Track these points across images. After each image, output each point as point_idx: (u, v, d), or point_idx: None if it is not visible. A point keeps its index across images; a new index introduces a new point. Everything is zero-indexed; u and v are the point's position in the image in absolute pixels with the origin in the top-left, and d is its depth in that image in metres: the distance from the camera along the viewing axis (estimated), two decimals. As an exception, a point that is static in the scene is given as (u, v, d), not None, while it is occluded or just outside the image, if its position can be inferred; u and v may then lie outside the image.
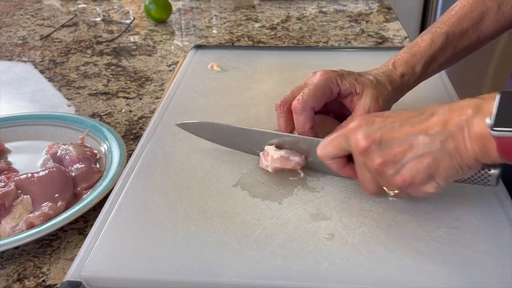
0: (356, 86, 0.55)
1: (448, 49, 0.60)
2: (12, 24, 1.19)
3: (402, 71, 0.58)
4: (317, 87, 0.53)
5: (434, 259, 0.44)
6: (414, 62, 0.59)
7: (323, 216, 0.49)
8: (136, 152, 0.60)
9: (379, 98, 0.55)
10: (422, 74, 0.60)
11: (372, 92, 0.54)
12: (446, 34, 0.60)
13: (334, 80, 0.54)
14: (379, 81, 0.56)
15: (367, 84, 0.55)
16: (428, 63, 0.59)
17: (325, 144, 0.48)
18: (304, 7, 1.25)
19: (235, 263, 0.44)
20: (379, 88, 0.56)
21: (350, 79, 0.55)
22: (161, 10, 1.15)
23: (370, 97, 0.54)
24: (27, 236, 0.49)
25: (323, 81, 0.54)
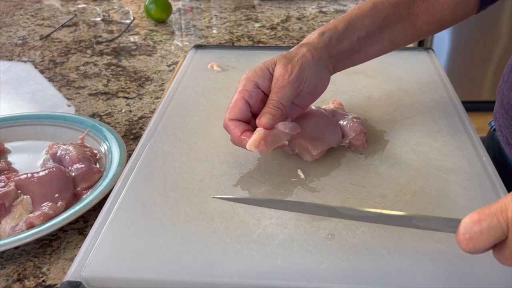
0: (268, 67, 0.55)
1: (376, 18, 0.59)
2: (12, 24, 1.19)
3: (320, 30, 0.57)
4: (232, 100, 0.54)
5: (434, 259, 0.44)
6: (335, 22, 0.58)
7: (323, 216, 0.49)
8: (136, 152, 0.60)
9: (287, 64, 0.54)
10: (345, 36, 0.58)
11: (280, 61, 0.54)
12: (374, 2, 0.60)
13: (246, 80, 0.54)
14: (291, 51, 0.56)
15: (277, 59, 0.55)
16: (352, 25, 0.58)
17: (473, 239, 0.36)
18: (304, 7, 1.25)
19: (235, 263, 0.44)
20: (289, 55, 0.55)
21: (261, 66, 0.55)
22: (161, 10, 1.16)
23: (278, 67, 0.54)
24: (27, 236, 0.49)
25: (238, 92, 0.54)
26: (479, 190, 0.52)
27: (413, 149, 0.59)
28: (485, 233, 0.35)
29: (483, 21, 2.15)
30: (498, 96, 0.72)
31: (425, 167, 0.56)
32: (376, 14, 0.59)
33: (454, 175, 0.54)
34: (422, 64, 0.81)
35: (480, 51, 2.24)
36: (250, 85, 0.54)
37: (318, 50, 0.56)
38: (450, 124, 0.64)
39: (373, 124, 0.65)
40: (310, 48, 0.56)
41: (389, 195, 0.52)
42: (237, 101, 0.54)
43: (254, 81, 0.54)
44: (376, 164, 0.57)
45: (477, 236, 0.35)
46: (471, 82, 2.33)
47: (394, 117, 0.66)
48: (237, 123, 0.54)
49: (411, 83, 0.74)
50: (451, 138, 0.61)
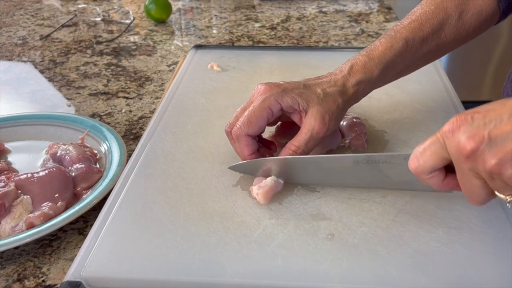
0: (299, 103, 0.52)
1: (407, 55, 0.58)
2: (12, 24, 1.19)
3: (358, 78, 0.56)
4: (253, 113, 0.52)
5: (434, 259, 0.44)
6: (372, 66, 0.56)
7: (323, 216, 0.49)
8: (136, 152, 0.60)
9: (325, 115, 0.52)
10: (379, 80, 0.58)
11: (317, 110, 0.52)
12: (406, 39, 0.58)
13: (274, 100, 0.52)
14: (327, 94, 0.53)
15: (312, 100, 0.52)
16: (387, 69, 0.57)
17: (417, 156, 0.41)
18: (304, 7, 1.25)
19: (235, 263, 0.44)
20: (326, 103, 0.53)
21: (293, 95, 0.52)
22: (161, 10, 1.15)
23: (315, 115, 0.52)
24: (27, 236, 0.49)
25: (260, 105, 0.52)
26: (479, 190, 0.52)
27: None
28: (426, 149, 0.40)
29: (483, 21, 2.15)
30: (504, 96, 0.72)
31: (425, 167, 0.56)
32: (407, 52, 0.58)
33: (454, 175, 0.54)
34: (422, 64, 0.81)
35: (480, 51, 2.24)
36: (276, 106, 0.52)
37: (349, 100, 0.56)
38: (450, 124, 0.64)
39: (373, 124, 0.65)
40: (345, 98, 0.54)
41: (389, 195, 0.52)
42: (259, 118, 0.52)
43: (281, 105, 0.52)
44: (376, 164, 0.57)
45: (421, 153, 0.41)
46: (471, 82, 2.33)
47: (394, 117, 0.66)
48: (250, 141, 0.53)
49: (411, 83, 0.74)
50: (451, 138, 0.61)
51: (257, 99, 0.53)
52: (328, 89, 0.54)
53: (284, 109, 0.52)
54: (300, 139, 0.52)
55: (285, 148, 0.53)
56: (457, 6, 0.59)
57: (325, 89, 0.54)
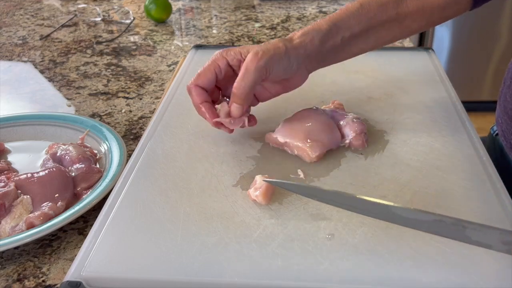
0: (241, 52, 0.56)
1: (362, 18, 0.58)
2: (12, 24, 1.19)
3: (304, 30, 0.57)
4: (202, 68, 0.57)
5: (434, 259, 0.44)
6: (320, 22, 0.58)
7: (323, 216, 0.49)
8: (136, 152, 0.60)
9: (258, 51, 0.54)
10: (329, 37, 0.58)
11: (252, 49, 0.55)
12: (361, 2, 0.58)
13: (220, 55, 0.57)
14: (268, 42, 0.56)
15: (252, 47, 0.56)
16: (337, 26, 0.58)
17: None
18: (304, 7, 1.25)
19: (235, 263, 0.44)
20: (263, 45, 0.55)
21: (236, 49, 0.57)
22: (161, 10, 1.16)
23: (250, 54, 0.54)
24: (27, 236, 0.49)
25: (209, 61, 0.57)
26: (479, 190, 0.52)
27: (413, 149, 0.59)
28: None
29: (483, 21, 2.15)
30: (501, 101, 0.72)
31: (425, 167, 0.56)
32: (362, 15, 0.59)
33: (454, 175, 0.54)
34: (422, 64, 0.81)
35: (480, 51, 2.24)
36: (222, 61, 0.57)
37: (295, 48, 0.57)
38: (450, 124, 0.64)
39: (373, 124, 0.65)
40: (287, 44, 0.56)
41: (389, 195, 0.52)
42: (207, 71, 0.57)
43: (226, 59, 0.57)
44: (376, 164, 0.57)
45: None
46: (471, 82, 2.33)
47: (394, 117, 0.66)
48: (200, 91, 0.57)
49: (411, 83, 0.74)
50: (451, 138, 0.61)
51: None
52: (272, 40, 0.57)
53: (230, 63, 0.57)
54: (238, 77, 0.55)
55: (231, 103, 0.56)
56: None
57: (269, 41, 0.57)
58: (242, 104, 0.55)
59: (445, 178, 0.54)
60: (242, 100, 0.55)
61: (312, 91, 0.72)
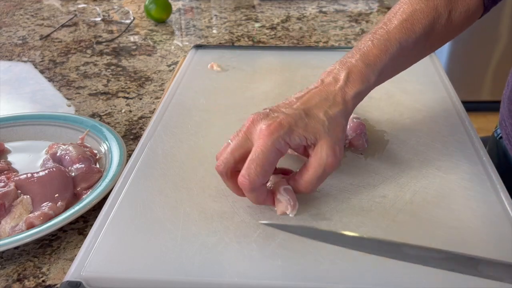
0: (307, 138, 0.48)
1: (400, 58, 0.55)
2: (12, 24, 1.19)
3: (357, 89, 0.51)
4: (265, 160, 0.46)
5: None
6: (369, 73, 0.52)
7: (323, 216, 0.49)
8: (136, 152, 0.60)
9: (335, 147, 0.48)
10: (374, 86, 0.54)
11: (326, 142, 0.48)
12: (400, 42, 0.54)
13: (282, 141, 0.46)
14: (332, 119, 0.49)
15: (318, 132, 0.48)
16: (383, 74, 0.54)
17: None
18: (304, 7, 1.25)
19: (235, 263, 0.44)
20: (332, 132, 0.48)
21: (299, 132, 0.47)
22: (161, 10, 1.16)
23: (326, 149, 0.47)
24: (27, 236, 0.49)
25: (270, 150, 0.46)
26: (479, 190, 0.52)
27: (413, 149, 0.59)
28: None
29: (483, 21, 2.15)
30: (504, 104, 0.71)
31: (425, 167, 0.56)
32: (401, 57, 0.55)
33: (454, 175, 0.54)
34: (422, 64, 0.81)
35: (480, 51, 2.24)
36: (285, 147, 0.47)
37: (349, 115, 0.52)
38: (450, 124, 0.64)
39: (373, 124, 0.65)
40: (346, 116, 0.51)
41: (389, 195, 0.52)
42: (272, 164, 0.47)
43: (289, 145, 0.47)
44: (376, 164, 0.57)
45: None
46: (471, 82, 2.33)
47: (394, 117, 0.66)
48: (266, 188, 0.49)
49: (411, 83, 0.74)
50: (451, 138, 0.61)
51: (263, 141, 0.46)
52: (330, 111, 0.49)
53: (293, 148, 0.49)
54: (312, 175, 0.48)
55: (294, 180, 0.49)
56: (446, 4, 0.57)
57: (328, 112, 0.49)
58: None
59: (445, 178, 0.54)
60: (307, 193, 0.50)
61: (312, 91, 0.72)
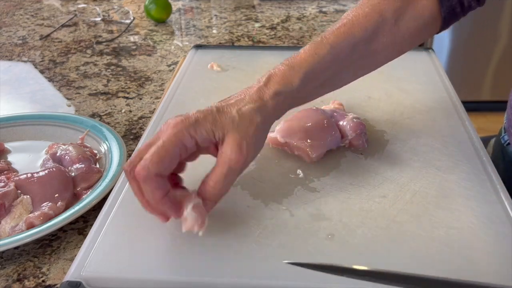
0: (214, 132, 0.45)
1: (334, 63, 0.52)
2: (12, 24, 1.19)
3: (276, 89, 0.49)
4: (164, 149, 0.43)
5: (434, 259, 0.44)
6: (292, 75, 0.50)
7: (323, 216, 0.49)
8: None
9: (242, 143, 0.45)
10: (300, 91, 0.51)
11: (233, 138, 0.45)
12: (331, 45, 0.51)
13: (187, 133, 0.45)
14: (243, 115, 0.46)
15: (226, 126, 0.46)
16: (309, 77, 0.50)
17: None
18: (304, 7, 1.25)
19: (235, 263, 0.44)
20: (242, 126, 0.46)
21: (207, 125, 0.45)
22: (161, 10, 1.16)
23: (231, 145, 0.45)
24: (27, 236, 0.49)
25: (171, 139, 0.44)
26: (479, 190, 0.52)
27: (413, 149, 0.59)
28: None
29: (483, 21, 2.15)
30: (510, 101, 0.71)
31: (425, 167, 0.56)
32: (334, 59, 0.52)
33: (454, 175, 0.54)
34: (422, 64, 0.81)
35: (480, 51, 2.24)
36: (190, 141, 0.45)
37: (270, 116, 0.49)
38: (450, 124, 0.64)
39: (373, 124, 0.65)
40: (264, 114, 0.48)
41: (389, 195, 0.52)
42: (171, 154, 0.44)
43: (195, 139, 0.45)
44: (376, 164, 0.57)
45: None
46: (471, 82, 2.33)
47: (394, 117, 0.66)
48: (161, 182, 0.44)
49: (411, 83, 0.74)
50: (451, 138, 0.61)
51: (166, 133, 0.44)
52: (243, 108, 0.47)
53: (199, 143, 0.46)
54: (218, 173, 0.45)
55: (203, 184, 0.46)
56: (395, 11, 0.54)
57: (240, 109, 0.47)
58: (216, 202, 0.47)
59: (445, 178, 0.54)
60: (218, 199, 0.47)
61: (312, 91, 0.72)
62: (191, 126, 0.45)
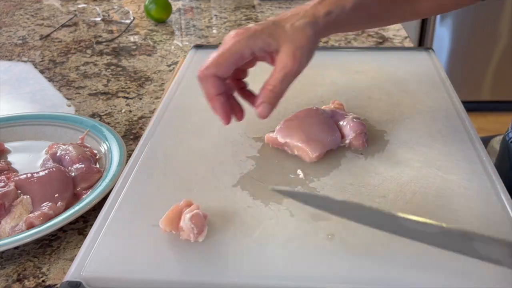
0: (270, 43, 0.51)
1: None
2: (12, 24, 1.19)
3: (329, 8, 0.53)
4: (223, 55, 0.51)
5: (434, 259, 0.44)
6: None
7: (323, 216, 0.49)
8: (136, 152, 0.60)
9: (295, 52, 0.51)
10: (352, 16, 0.55)
11: (288, 47, 0.51)
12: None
13: (245, 43, 0.51)
14: (297, 28, 0.52)
15: (282, 38, 0.51)
16: (360, 5, 0.55)
17: None
18: (304, 7, 1.25)
19: (235, 263, 0.44)
20: (296, 38, 0.51)
21: (263, 37, 0.51)
22: (161, 10, 1.15)
23: (286, 53, 0.51)
24: (27, 236, 0.49)
25: (230, 47, 0.51)
26: (479, 190, 0.52)
27: (413, 149, 0.59)
28: None
29: (483, 21, 2.15)
30: None
31: (425, 167, 0.56)
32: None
33: (454, 175, 0.54)
34: (422, 64, 0.81)
35: (480, 51, 2.24)
36: (247, 50, 0.51)
37: (321, 33, 0.54)
38: (450, 124, 0.64)
39: (373, 124, 0.65)
40: (316, 30, 0.53)
41: (389, 195, 0.52)
42: (228, 59, 0.51)
43: (252, 49, 0.51)
44: (376, 164, 0.57)
45: None
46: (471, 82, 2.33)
47: (394, 117, 0.66)
48: (218, 81, 0.52)
49: (411, 83, 0.74)
50: (451, 138, 0.61)
51: (227, 42, 0.51)
52: (297, 22, 0.52)
53: (256, 53, 0.52)
54: (275, 78, 0.51)
55: (262, 89, 0.52)
56: None
57: (294, 23, 0.52)
58: (275, 105, 0.52)
59: (445, 178, 0.54)
60: (276, 101, 0.52)
61: (312, 91, 0.72)
62: (250, 37, 0.51)
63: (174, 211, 0.47)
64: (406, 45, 0.99)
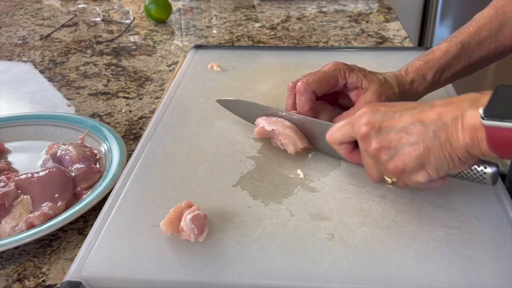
0: (363, 81, 0.58)
1: (462, 59, 0.61)
2: (12, 24, 1.19)
3: (412, 77, 0.60)
4: (323, 74, 0.58)
5: (434, 259, 0.44)
6: (425, 69, 0.60)
7: (323, 216, 0.49)
8: (136, 152, 0.60)
9: (382, 94, 0.57)
10: (433, 83, 0.61)
11: (376, 89, 0.57)
12: (462, 43, 0.60)
13: (342, 72, 0.58)
14: (387, 81, 0.59)
15: (374, 81, 0.58)
16: (440, 72, 0.60)
17: (333, 130, 0.51)
18: (304, 7, 1.25)
19: (235, 263, 0.44)
20: (385, 86, 0.58)
21: (359, 74, 0.58)
22: (161, 10, 1.15)
23: (373, 92, 0.57)
24: (27, 236, 0.49)
25: (331, 70, 0.58)
26: (479, 190, 0.52)
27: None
28: (341, 127, 0.49)
29: (483, 21, 2.15)
30: None
31: (425, 167, 0.56)
32: (463, 55, 0.61)
33: (454, 175, 0.54)
34: (422, 64, 0.81)
35: (480, 51, 2.23)
36: (342, 80, 0.58)
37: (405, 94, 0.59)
38: (450, 124, 0.64)
39: (373, 124, 0.65)
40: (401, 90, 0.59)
41: (389, 195, 0.52)
42: (329, 79, 0.58)
43: (347, 80, 0.58)
44: (376, 164, 0.57)
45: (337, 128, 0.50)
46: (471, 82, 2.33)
47: (394, 117, 0.66)
48: (312, 96, 0.58)
49: (411, 83, 0.74)
50: (451, 138, 0.61)
51: (327, 66, 0.59)
52: (388, 78, 0.59)
53: (347, 85, 0.59)
54: (356, 109, 0.56)
55: (340, 117, 0.58)
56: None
57: (386, 77, 0.59)
58: None
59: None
60: None
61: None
62: (347, 69, 0.59)
63: (175, 212, 0.47)
64: (406, 45, 0.99)
